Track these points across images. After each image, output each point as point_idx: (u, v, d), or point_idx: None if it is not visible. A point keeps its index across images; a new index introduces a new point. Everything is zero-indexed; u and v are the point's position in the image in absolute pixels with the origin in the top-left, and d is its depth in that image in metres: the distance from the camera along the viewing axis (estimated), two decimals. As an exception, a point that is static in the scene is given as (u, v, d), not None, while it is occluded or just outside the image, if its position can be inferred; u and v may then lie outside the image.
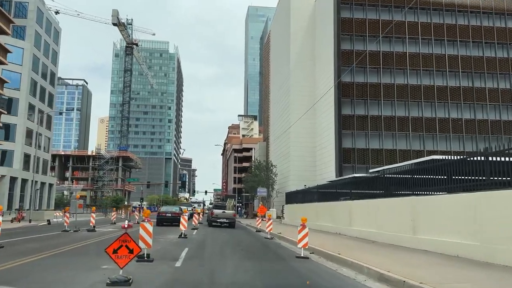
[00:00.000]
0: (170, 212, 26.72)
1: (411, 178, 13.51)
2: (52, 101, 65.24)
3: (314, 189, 25.93)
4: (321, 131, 46.72)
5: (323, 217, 22.92)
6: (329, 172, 42.69)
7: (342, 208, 19.93)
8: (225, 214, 28.77)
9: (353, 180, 18.98)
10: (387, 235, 14.49)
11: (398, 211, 13.90)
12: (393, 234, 14.14)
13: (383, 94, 43.46)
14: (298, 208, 29.75)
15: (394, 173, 14.75)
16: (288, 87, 51.63)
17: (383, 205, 15.06)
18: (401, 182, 14.18)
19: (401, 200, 13.72)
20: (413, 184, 13.24)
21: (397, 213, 13.96)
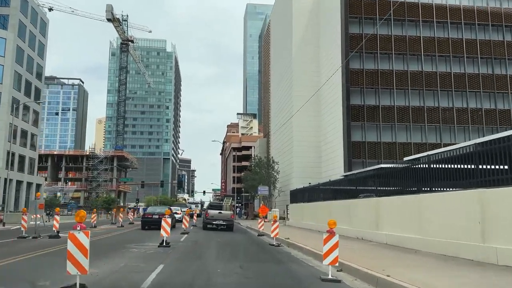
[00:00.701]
0: (158, 213, 22.86)
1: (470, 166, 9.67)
2: (39, 96, 61.36)
3: (325, 186, 22.10)
4: (326, 124, 42.89)
5: (339, 218, 19.00)
6: (336, 168, 38.87)
7: (364, 207, 16.09)
8: (222, 215, 24.97)
9: (380, 173, 15.14)
10: (436, 242, 10.65)
11: (454, 210, 10.04)
12: (446, 241, 10.29)
13: (395, 82, 39.64)
14: (305, 207, 25.91)
15: (446, 159, 10.88)
16: (290, 78, 47.80)
17: (431, 202, 11.20)
18: (457, 172, 10.32)
19: (461, 195, 9.86)
20: (478, 173, 9.40)
21: (453, 212, 10.10)
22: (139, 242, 14.51)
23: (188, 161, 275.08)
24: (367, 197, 16.59)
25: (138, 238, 16.57)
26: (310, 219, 24.30)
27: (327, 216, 21.06)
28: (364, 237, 15.88)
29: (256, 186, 45.95)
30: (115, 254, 10.97)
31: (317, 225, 22.48)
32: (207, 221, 25.03)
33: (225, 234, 21.10)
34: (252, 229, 27.10)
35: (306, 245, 13.46)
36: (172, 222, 24.73)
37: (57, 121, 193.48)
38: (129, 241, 14.95)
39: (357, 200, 17.09)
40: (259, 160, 50.03)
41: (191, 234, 19.52)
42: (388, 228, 13.94)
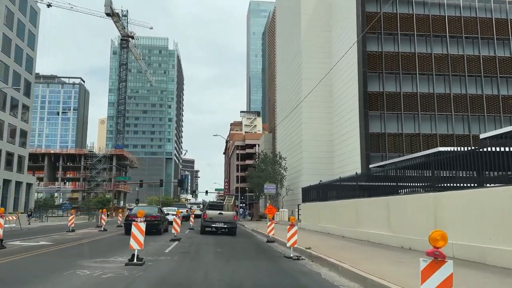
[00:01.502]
0: (145, 215, 18.68)
1: None
2: (29, 90, 57.54)
3: (349, 181, 17.85)
4: (340, 114, 38.61)
5: (372, 221, 14.84)
6: (352, 164, 34.63)
7: (415, 206, 11.85)
8: (223, 217, 20.89)
9: (438, 159, 10.88)
10: None
11: None
12: None
13: (418, 67, 35.32)
14: (322, 207, 21.69)
15: None
16: (298, 66, 43.58)
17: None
18: None
19: None
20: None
21: None
22: (103, 256, 10.37)
23: (192, 162, 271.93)
24: (413, 193, 12.38)
25: (107, 249, 12.43)
26: (329, 221, 20.08)
27: (352, 218, 16.85)
28: (414, 246, 11.65)
29: (261, 184, 41.79)
30: (48, 280, 6.92)
31: (339, 228, 18.26)
32: (205, 224, 20.87)
33: (226, 240, 16.95)
34: (259, 232, 22.92)
35: (340, 260, 9.27)
36: (165, 225, 20.67)
37: (58, 121, 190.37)
38: (91, 254, 10.83)
39: (401, 198, 12.84)
40: (264, 156, 45.81)
41: (184, 241, 15.37)
42: (461, 236, 9.70)
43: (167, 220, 22.21)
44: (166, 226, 21.53)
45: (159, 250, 12.03)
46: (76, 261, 9.20)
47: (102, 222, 22.48)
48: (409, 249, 11.92)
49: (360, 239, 15.57)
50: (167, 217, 22.81)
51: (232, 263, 9.96)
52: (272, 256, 11.98)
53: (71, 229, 21.44)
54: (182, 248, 13.05)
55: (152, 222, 18.65)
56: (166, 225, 21.49)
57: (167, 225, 21.99)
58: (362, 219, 15.77)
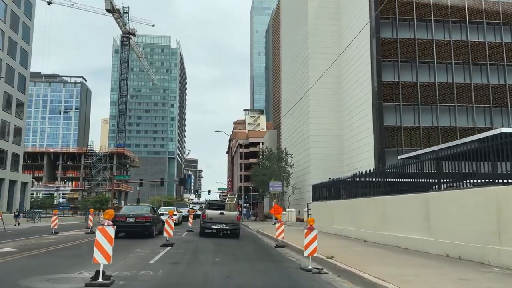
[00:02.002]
0: (134, 215, 16.28)
1: None
2: (24, 86, 55.29)
3: (371, 177, 15.31)
4: (350, 107, 36.01)
5: (403, 223, 12.29)
6: (364, 160, 32.05)
7: (466, 204, 9.28)
8: (224, 217, 18.45)
9: (501, 144, 8.32)
10: None
11: None
12: None
13: (436, 54, 32.66)
14: (338, 207, 19.15)
15: None
16: (305, 57, 41.00)
17: None
18: None
19: None
20: None
21: None
22: (66, 271, 7.88)
23: (195, 161, 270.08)
24: (464, 188, 9.82)
25: (78, 259, 9.92)
26: (346, 222, 17.53)
27: (376, 219, 14.28)
28: (465, 255, 9.09)
29: (266, 183, 39.29)
30: None
31: (359, 231, 15.73)
32: (205, 225, 18.42)
33: (228, 245, 14.46)
34: (265, 235, 20.41)
35: (380, 277, 6.74)
36: (158, 227, 18.20)
37: (59, 120, 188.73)
38: (52, 268, 8.36)
39: (448, 194, 10.26)
40: (269, 152, 43.25)
41: (177, 247, 12.87)
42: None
43: (161, 221, 19.73)
44: (161, 228, 19.04)
45: (143, 261, 9.53)
46: (21, 280, 6.73)
47: (89, 223, 20.01)
48: (459, 259, 9.38)
49: (387, 244, 13.03)
50: (161, 218, 20.36)
51: (234, 280, 7.45)
52: (286, 267, 9.47)
53: (54, 231, 19.04)
54: (172, 256, 10.55)
55: (142, 224, 16.24)
56: (161, 227, 19.00)
57: (161, 227, 19.49)
58: (389, 220, 13.21)
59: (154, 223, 16.89)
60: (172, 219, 13.35)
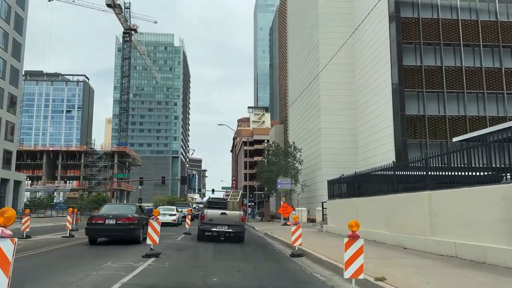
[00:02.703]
0: (115, 216, 13.20)
1: None
2: (17, 79, 52.51)
3: (410, 167, 12.13)
4: (366, 96, 32.74)
5: (467, 226, 9.06)
6: (381, 154, 28.80)
7: None
8: (227, 218, 15.39)
9: None
10: None
11: None
12: None
13: (462, 36, 29.31)
14: (363, 205, 15.99)
15: None
16: (315, 42, 37.74)
17: None
18: None
19: None
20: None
21: None
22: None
23: (199, 161, 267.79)
24: None
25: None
26: (376, 224, 14.35)
27: (422, 220, 11.07)
28: None
29: (273, 180, 36.12)
30: None
31: (395, 235, 12.58)
32: (203, 227, 15.47)
33: (231, 254, 11.33)
34: (275, 238, 17.27)
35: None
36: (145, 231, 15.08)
37: (62, 119, 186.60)
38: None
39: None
40: (276, 147, 40.04)
41: (163, 259, 9.75)
42: None
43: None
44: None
45: (104, 284, 6.42)
46: None
47: (67, 225, 16.93)
48: None
49: (439, 254, 9.87)
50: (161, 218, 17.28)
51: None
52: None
53: (24, 235, 16.00)
54: (152, 275, 7.43)
55: (125, 227, 13.15)
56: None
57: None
58: (445, 223, 10.00)
59: (140, 226, 13.80)
60: (157, 221, 10.22)
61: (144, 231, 14.58)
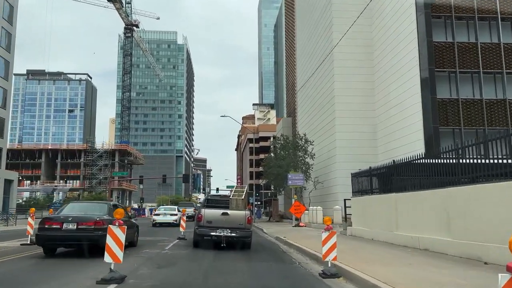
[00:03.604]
0: (76, 219, 9.66)
1: None
2: (7, 71, 49.35)
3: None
4: (388, 80, 28.98)
5: None
6: (407, 145, 25.09)
7: None
8: (229, 219, 12.22)
9: None
10: None
11: None
12: None
13: (499, 7, 25.47)
14: (404, 202, 12.34)
15: None
16: (327, 23, 34.00)
17: None
18: None
19: None
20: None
21: None
22: None
23: (204, 161, 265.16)
24: None
25: None
26: (429, 228, 10.71)
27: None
28: None
29: (283, 176, 32.52)
30: None
31: (466, 244, 8.90)
32: (201, 231, 12.30)
33: (234, 272, 7.71)
34: (291, 245, 13.65)
35: None
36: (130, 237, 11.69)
37: (64, 119, 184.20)
38: None
39: None
40: (285, 140, 36.37)
41: (130, 284, 6.14)
42: None
43: (135, 227, 13.16)
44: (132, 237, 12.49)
45: None
46: None
47: (28, 230, 13.42)
48: None
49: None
50: (135, 222, 13.81)
51: None
52: None
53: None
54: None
55: (89, 234, 9.60)
56: (132, 236, 12.45)
57: (136, 235, 12.94)
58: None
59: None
60: (121, 227, 6.66)
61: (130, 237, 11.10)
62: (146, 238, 15.68)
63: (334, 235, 7.97)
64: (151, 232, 20.44)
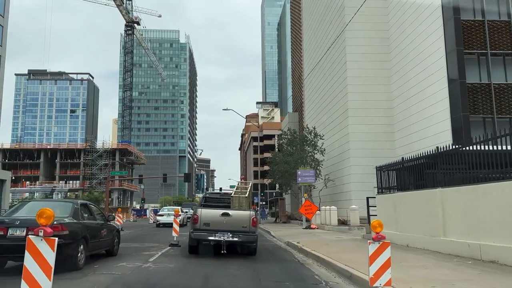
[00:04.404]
0: (26, 223, 7.05)
1: None
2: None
3: None
4: (409, 65, 26.14)
5: None
6: (431, 137, 22.31)
7: None
8: (231, 221, 9.95)
9: None
10: None
11: None
12: None
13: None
14: (454, 199, 9.56)
15: None
16: (340, 2, 31.23)
17: None
18: None
19: None
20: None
21: None
22: None
23: (207, 161, 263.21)
24: None
25: None
26: (499, 233, 7.90)
27: None
28: None
29: (290, 173, 29.83)
30: None
31: None
32: (197, 235, 10.30)
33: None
34: (309, 253, 10.92)
35: None
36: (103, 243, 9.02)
37: (66, 119, 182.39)
38: None
39: None
40: (292, 135, 33.63)
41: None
42: None
43: (114, 232, 10.50)
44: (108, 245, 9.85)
45: None
46: None
47: None
48: None
49: None
50: (114, 225, 11.16)
51: None
52: None
53: None
54: None
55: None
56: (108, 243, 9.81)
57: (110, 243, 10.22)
58: None
59: (78, 240, 7.67)
60: (47, 239, 3.97)
61: (90, 247, 8.42)
62: (131, 245, 13.07)
63: (388, 248, 5.27)
64: (143, 237, 17.88)
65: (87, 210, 9.20)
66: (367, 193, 27.20)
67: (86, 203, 9.51)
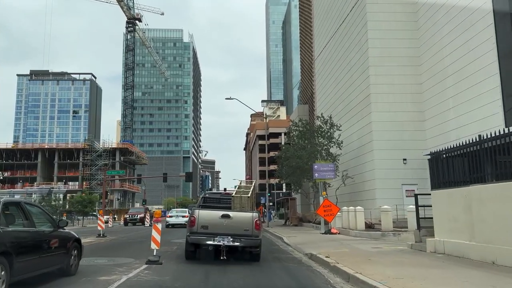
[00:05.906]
0: None
1: None
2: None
3: None
4: (444, 40, 22.30)
5: None
6: (474, 123, 18.41)
7: None
8: (231, 223, 8.35)
9: None
10: None
11: None
12: None
13: None
14: None
15: None
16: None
17: None
18: None
19: None
20: None
21: None
22: None
23: (212, 162, 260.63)
24: None
25: None
26: None
27: None
28: None
29: (303, 169, 25.95)
30: None
31: None
32: (193, 239, 8.93)
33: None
34: (343, 272, 6.92)
35: None
36: (58, 260, 5.01)
37: (69, 120, 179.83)
38: None
39: None
40: (305, 126, 29.74)
41: None
42: None
43: (71, 241, 6.71)
44: (64, 260, 6.00)
45: None
46: None
47: None
48: None
49: None
50: (70, 233, 7.34)
51: None
52: None
53: None
54: None
55: None
56: (64, 258, 5.95)
57: (71, 257, 6.39)
58: None
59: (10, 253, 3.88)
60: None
61: (20, 267, 4.53)
62: (95, 261, 9.31)
63: None
64: (122, 246, 14.18)
65: (21, 212, 5.47)
66: (394, 191, 23.34)
67: (18, 202, 5.87)
